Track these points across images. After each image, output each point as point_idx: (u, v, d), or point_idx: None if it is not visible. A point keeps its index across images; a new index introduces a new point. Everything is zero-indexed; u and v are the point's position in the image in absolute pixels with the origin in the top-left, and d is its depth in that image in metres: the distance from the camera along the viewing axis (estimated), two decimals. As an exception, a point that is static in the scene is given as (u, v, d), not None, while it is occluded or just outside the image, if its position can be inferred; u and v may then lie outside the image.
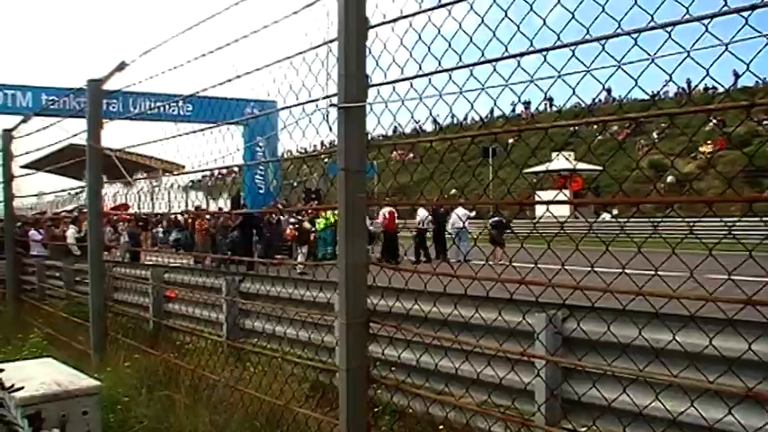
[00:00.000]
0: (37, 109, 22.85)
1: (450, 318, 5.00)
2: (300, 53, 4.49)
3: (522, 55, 3.27)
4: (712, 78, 2.84)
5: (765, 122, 43.82)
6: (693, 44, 2.71)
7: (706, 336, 3.97)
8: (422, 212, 25.11)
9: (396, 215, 24.69)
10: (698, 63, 2.74)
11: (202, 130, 6.18)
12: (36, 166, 16.67)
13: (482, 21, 3.49)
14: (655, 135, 48.81)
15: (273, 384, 5.66)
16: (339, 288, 3.99)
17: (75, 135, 8.93)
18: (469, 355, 5.05)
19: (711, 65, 2.74)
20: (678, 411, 4.17)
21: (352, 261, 3.91)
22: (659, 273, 2.91)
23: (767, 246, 2.99)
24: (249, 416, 5.54)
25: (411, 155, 22.97)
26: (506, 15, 3.41)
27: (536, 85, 3.32)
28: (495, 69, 3.41)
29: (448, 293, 4.44)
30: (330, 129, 4.16)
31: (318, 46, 4.26)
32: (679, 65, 2.81)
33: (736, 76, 3.26)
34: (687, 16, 2.69)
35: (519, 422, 4.44)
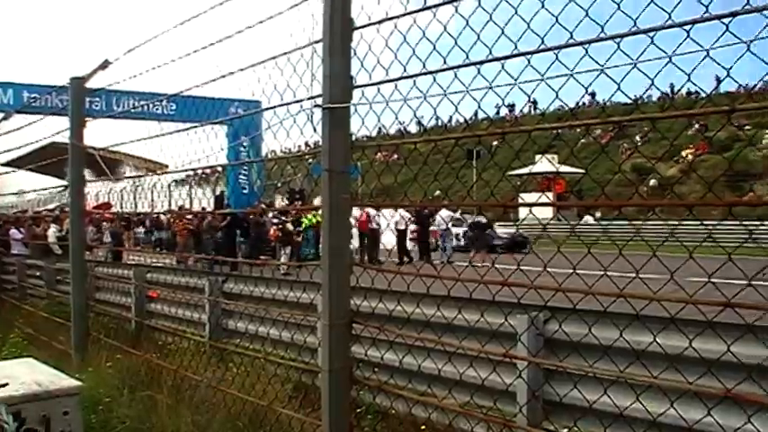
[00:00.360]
0: (18, 106, 22.74)
1: (432, 319, 5.02)
2: (285, 53, 4.49)
3: (506, 58, 3.29)
4: (693, 83, 2.86)
5: (747, 127, 44.17)
6: (675, 49, 2.74)
7: (686, 337, 4.01)
8: (402, 213, 25.07)
9: (370, 216, 24.71)
10: (679, 68, 2.77)
11: (186, 129, 6.17)
12: (17, 164, 16.55)
13: (467, 23, 3.50)
14: (638, 139, 49.12)
15: (256, 385, 5.66)
16: (322, 289, 3.99)
17: (57, 133, 8.88)
18: (452, 357, 5.07)
19: (693, 70, 2.77)
20: (658, 412, 4.21)
21: (335, 262, 3.91)
22: (640, 275, 2.93)
23: (746, 249, 3.03)
24: (232, 416, 5.53)
25: (395, 156, 22.97)
26: (491, 18, 3.42)
27: (520, 88, 3.34)
28: (479, 72, 3.43)
29: (431, 295, 4.45)
30: (314, 129, 4.17)
31: (303, 47, 4.26)
32: (661, 70, 2.84)
33: (718, 81, 3.29)
34: (669, 22, 2.71)
35: (501, 423, 4.46)
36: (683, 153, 46.52)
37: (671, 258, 2.84)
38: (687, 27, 2.69)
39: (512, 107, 44.43)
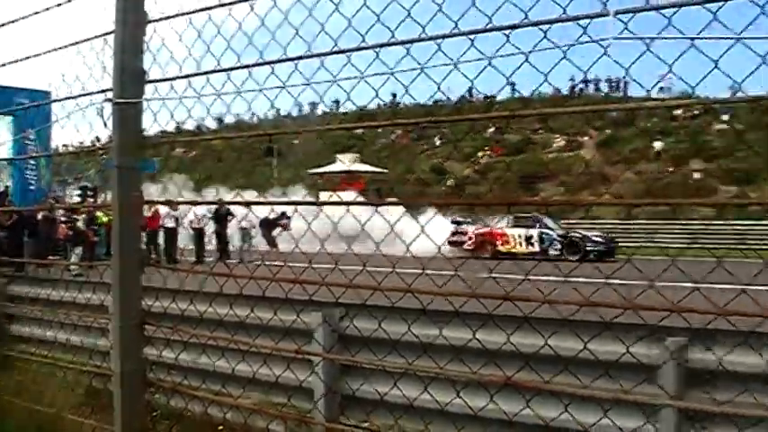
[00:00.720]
0: None
1: (226, 318, 4.99)
2: (75, 44, 4.30)
3: (299, 58, 3.34)
4: (477, 89, 3.03)
5: (540, 131, 47.23)
6: (460, 57, 2.89)
7: (470, 330, 4.25)
8: (196, 211, 24.41)
9: (161, 214, 23.97)
10: (464, 75, 2.93)
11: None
12: None
13: (262, 23, 3.52)
14: (436, 141, 51.11)
15: (45, 392, 5.37)
16: (112, 289, 3.86)
17: None
18: (246, 355, 5.06)
19: (476, 77, 2.93)
20: (446, 401, 4.44)
21: (125, 261, 3.80)
22: (427, 271, 3.07)
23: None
24: (19, 427, 5.22)
25: (194, 152, 22.55)
26: (286, 18, 3.45)
27: (312, 88, 3.39)
28: (273, 71, 3.46)
29: (224, 294, 4.42)
30: (105, 125, 4.02)
31: (94, 38, 4.10)
32: (446, 76, 2.99)
33: (513, 86, 3.50)
34: (455, 30, 2.87)
35: (297, 419, 4.51)
36: (480, 154, 48.89)
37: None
38: (472, 36, 2.85)
39: (314, 105, 44.76)
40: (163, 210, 23.45)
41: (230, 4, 3.62)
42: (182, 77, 3.81)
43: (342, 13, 3.27)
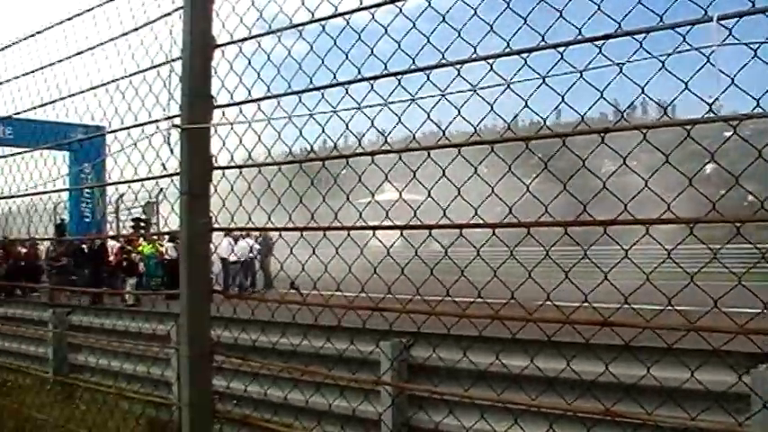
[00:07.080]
0: None
1: (299, 348, 4.86)
2: (141, 71, 4.28)
3: (349, 83, 3.30)
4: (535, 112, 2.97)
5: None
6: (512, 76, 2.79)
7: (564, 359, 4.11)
8: (245, 242, 23.61)
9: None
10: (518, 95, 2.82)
11: (19, 153, 5.77)
12: None
13: (311, 48, 3.56)
14: (483, 168, 50.66)
15: (109, 422, 5.31)
16: (181, 318, 3.77)
17: None
18: (320, 386, 4.93)
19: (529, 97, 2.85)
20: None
21: (194, 290, 3.71)
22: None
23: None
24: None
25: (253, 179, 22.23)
26: (335, 44, 3.45)
27: (363, 112, 3.31)
28: (323, 96, 3.43)
29: (296, 323, 4.30)
30: (171, 151, 3.96)
31: (161, 65, 4.06)
32: (497, 97, 2.94)
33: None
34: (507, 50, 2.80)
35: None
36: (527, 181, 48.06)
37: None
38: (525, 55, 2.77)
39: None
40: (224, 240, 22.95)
41: (301, 24, 3.56)
42: (250, 101, 3.75)
43: (392, 37, 3.28)
